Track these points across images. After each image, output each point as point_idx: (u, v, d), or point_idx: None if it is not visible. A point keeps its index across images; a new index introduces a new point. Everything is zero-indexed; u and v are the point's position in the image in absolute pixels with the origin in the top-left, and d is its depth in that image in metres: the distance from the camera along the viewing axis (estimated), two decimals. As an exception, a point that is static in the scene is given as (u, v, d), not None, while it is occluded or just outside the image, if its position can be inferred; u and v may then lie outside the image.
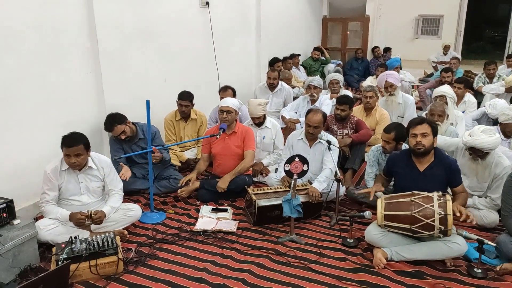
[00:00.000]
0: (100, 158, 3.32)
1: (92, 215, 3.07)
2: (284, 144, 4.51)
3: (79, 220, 3.05)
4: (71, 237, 2.83)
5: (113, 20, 4.18)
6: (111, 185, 3.34)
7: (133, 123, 4.11)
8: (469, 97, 5.95)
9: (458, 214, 2.85)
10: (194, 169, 4.25)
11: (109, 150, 4.16)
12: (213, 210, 3.79)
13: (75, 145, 3.03)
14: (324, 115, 4.03)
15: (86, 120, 4.05)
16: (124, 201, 3.52)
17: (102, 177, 3.30)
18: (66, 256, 2.70)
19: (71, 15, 3.78)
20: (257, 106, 4.52)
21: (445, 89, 5.16)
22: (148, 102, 3.47)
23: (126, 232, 3.31)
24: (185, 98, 4.74)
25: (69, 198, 3.22)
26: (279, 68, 7.70)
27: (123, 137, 3.95)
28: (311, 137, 4.01)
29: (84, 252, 2.75)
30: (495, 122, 4.70)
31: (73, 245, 2.78)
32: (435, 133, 3.13)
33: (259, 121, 4.63)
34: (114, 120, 3.92)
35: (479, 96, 6.68)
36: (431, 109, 4.43)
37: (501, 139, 3.78)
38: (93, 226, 3.19)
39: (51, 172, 3.12)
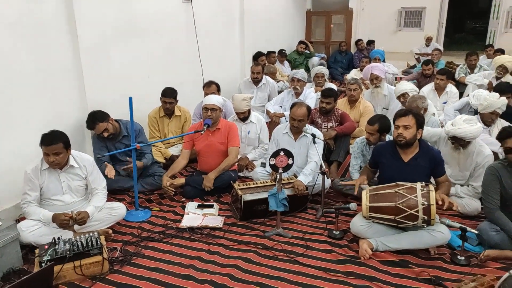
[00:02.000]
0: (82, 157, 3.27)
1: (75, 216, 3.03)
2: (269, 139, 4.50)
3: (63, 221, 3.00)
4: (54, 238, 2.79)
5: (94, 16, 4.11)
6: (94, 184, 3.30)
7: (116, 121, 4.06)
8: (451, 87, 6.03)
9: (440, 203, 2.91)
10: (169, 169, 4.12)
11: (91, 148, 4.10)
12: (199, 206, 3.78)
13: (54, 143, 2.98)
14: (309, 108, 4.04)
15: (67, 118, 3.99)
16: (108, 199, 3.47)
17: (85, 176, 3.25)
18: (49, 258, 2.65)
19: (49, 11, 3.70)
20: (241, 101, 4.50)
21: (403, 87, 5.07)
22: (131, 99, 3.42)
23: (110, 231, 3.27)
24: (169, 95, 4.70)
25: (51, 198, 3.17)
26: (263, 62, 7.69)
27: (105, 134, 3.90)
28: (296, 130, 4.01)
29: (68, 253, 2.71)
30: (476, 111, 4.76)
31: (57, 246, 2.73)
32: (419, 125, 3.15)
33: (244, 116, 4.62)
34: (95, 118, 3.86)
35: (461, 86, 6.76)
36: (406, 107, 4.45)
37: (482, 128, 3.83)
38: (76, 226, 3.14)
39: (32, 171, 3.07)
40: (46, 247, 2.72)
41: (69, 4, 3.84)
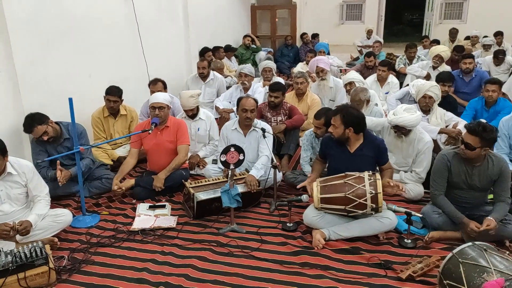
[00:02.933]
0: (20, 163, 3.07)
1: (17, 226, 2.85)
2: (219, 135, 4.47)
3: (3, 232, 2.82)
4: (-6, 251, 2.62)
5: (26, 13, 3.86)
6: (35, 191, 3.12)
7: (56, 123, 3.84)
8: (392, 78, 6.28)
9: (392, 184, 3.09)
10: (118, 171, 3.96)
11: (30, 156, 3.86)
12: (150, 207, 3.68)
13: None
14: (255, 99, 4.05)
15: (2, 122, 3.73)
16: (52, 206, 3.31)
17: (25, 183, 3.07)
18: (-11, 272, 2.49)
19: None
20: (189, 98, 4.43)
21: (351, 76, 5.27)
22: (71, 100, 3.26)
23: (56, 239, 3.11)
24: (114, 93, 4.53)
25: (-12, 208, 2.96)
26: (209, 57, 7.61)
27: (45, 138, 3.67)
28: (248, 123, 3.98)
29: (11, 265, 2.56)
30: (415, 100, 5.00)
31: (-3, 259, 2.57)
32: (348, 124, 3.19)
33: (192, 113, 4.55)
34: (33, 121, 3.62)
35: (401, 76, 7.07)
36: (350, 100, 4.60)
37: (421, 116, 4.02)
38: (19, 237, 2.96)
39: (-35, 182, 2.85)
40: (-15, 261, 2.55)
41: (-2, 0, 3.59)
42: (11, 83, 3.79)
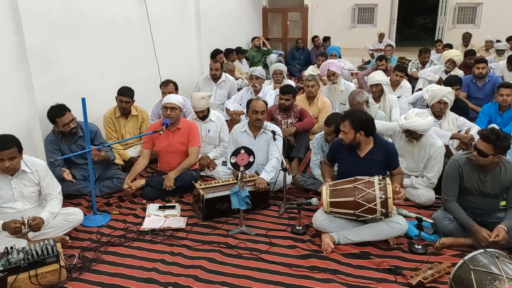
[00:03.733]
0: (33, 161, 3.12)
1: (30, 221, 2.89)
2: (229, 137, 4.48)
3: (15, 228, 2.86)
4: (6, 248, 2.65)
5: (40, 13, 3.92)
6: (48, 189, 3.16)
7: (72, 121, 3.91)
8: (404, 82, 6.24)
9: (397, 189, 3.05)
10: (131, 171, 4.02)
11: (42, 154, 3.90)
12: (160, 207, 3.71)
13: (8, 147, 2.84)
14: (265, 101, 4.06)
15: (15, 121, 3.78)
16: (64, 205, 3.34)
17: (38, 181, 3.11)
18: (2, 268, 2.53)
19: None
20: (200, 99, 4.45)
21: (379, 77, 5.23)
22: (83, 100, 3.30)
23: (67, 238, 3.15)
24: (126, 94, 4.58)
25: (2, 205, 3.02)
26: (221, 59, 7.65)
27: (72, 125, 3.76)
28: (259, 124, 3.99)
29: (22, 262, 2.59)
30: (428, 105, 4.96)
31: (10, 256, 2.61)
32: (357, 128, 3.17)
33: (203, 115, 4.57)
34: (63, 107, 3.74)
35: (413, 81, 7.03)
36: (350, 105, 4.55)
37: (433, 121, 3.99)
38: (31, 234, 3.00)
39: (-20, 179, 2.90)
40: (-2, 257, 2.59)
41: (14, 1, 3.64)
42: (25, 82, 3.85)
